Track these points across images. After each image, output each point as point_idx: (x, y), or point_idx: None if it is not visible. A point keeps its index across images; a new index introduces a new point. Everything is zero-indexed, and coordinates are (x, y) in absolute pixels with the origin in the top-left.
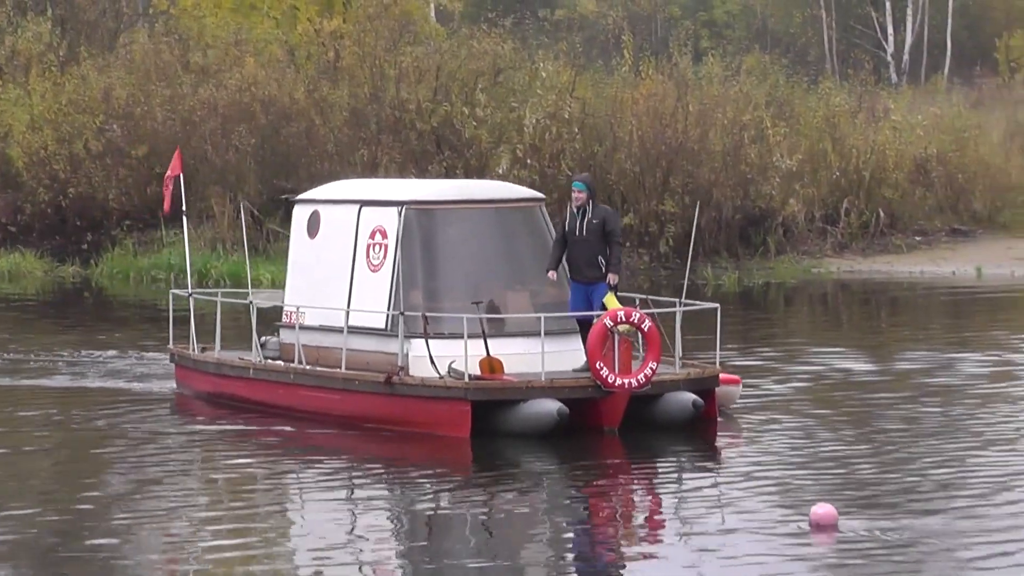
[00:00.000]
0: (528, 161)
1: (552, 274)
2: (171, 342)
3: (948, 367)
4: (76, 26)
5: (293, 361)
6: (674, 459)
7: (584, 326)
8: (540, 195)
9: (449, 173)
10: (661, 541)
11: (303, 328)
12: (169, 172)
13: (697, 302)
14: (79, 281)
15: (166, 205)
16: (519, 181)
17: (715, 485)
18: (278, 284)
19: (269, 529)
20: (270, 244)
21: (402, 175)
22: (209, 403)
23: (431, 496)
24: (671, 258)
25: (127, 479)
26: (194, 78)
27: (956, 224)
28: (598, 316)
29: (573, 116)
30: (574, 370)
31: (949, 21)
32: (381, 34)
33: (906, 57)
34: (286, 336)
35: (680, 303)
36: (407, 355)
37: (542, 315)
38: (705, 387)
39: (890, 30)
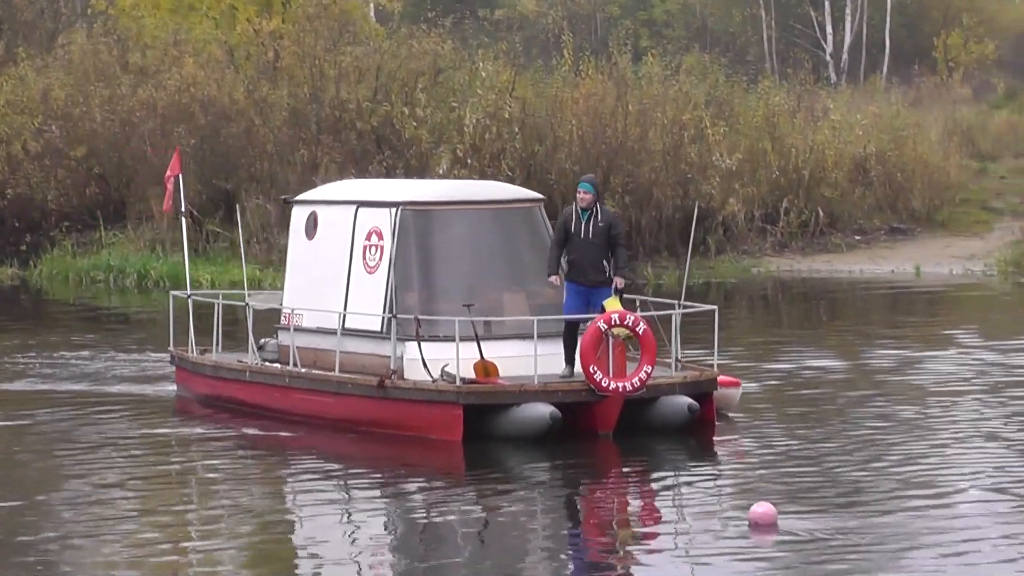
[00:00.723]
0: (468, 161)
1: (555, 279)
2: (171, 344)
3: (900, 366)
4: (13, 26)
5: (302, 363)
6: (668, 464)
7: (570, 329)
8: (539, 196)
9: (389, 173)
10: (651, 546)
11: (301, 330)
12: (168, 172)
13: (696, 304)
14: (17, 283)
15: (166, 204)
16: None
17: (709, 490)
18: (218, 286)
19: (255, 533)
20: (210, 245)
21: (341, 175)
22: (207, 406)
23: (420, 501)
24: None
25: (107, 481)
26: (133, 78)
27: (895, 223)
28: (589, 320)
29: (513, 116)
30: (561, 376)
31: (887, 20)
32: (321, 34)
33: (845, 56)
34: (284, 338)
35: (679, 305)
36: (401, 358)
37: (535, 318)
38: (702, 391)
39: (829, 29)
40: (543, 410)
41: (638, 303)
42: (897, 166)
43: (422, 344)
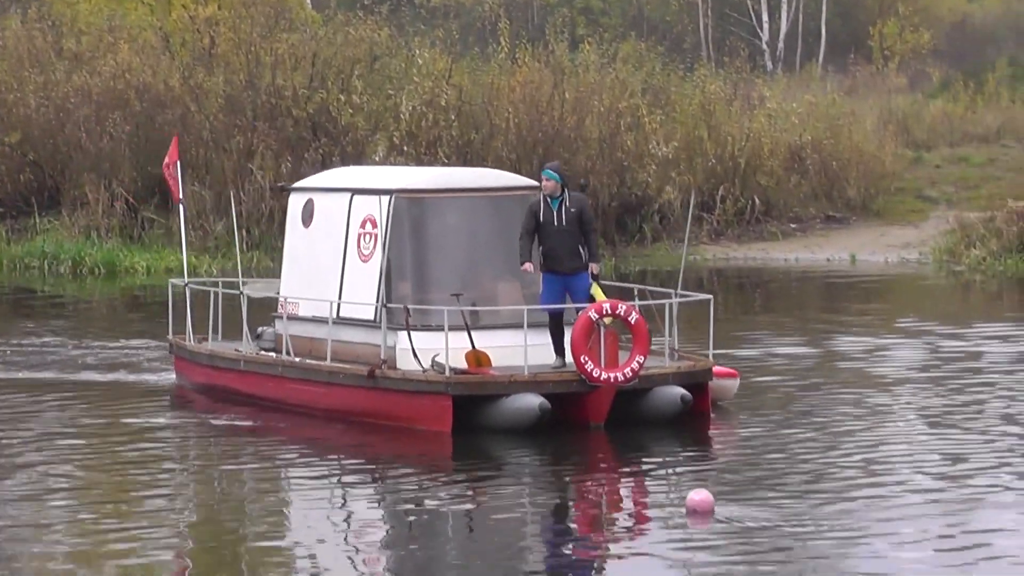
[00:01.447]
0: (404, 148)
1: (529, 265)
2: (170, 332)
3: (852, 353)
4: None
5: (296, 352)
6: (659, 455)
7: (555, 320)
8: (535, 183)
9: (325, 160)
10: (639, 536)
11: (298, 319)
12: (167, 160)
13: (692, 293)
14: None
15: (176, 194)
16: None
17: (701, 481)
18: (153, 273)
19: (237, 525)
20: (145, 232)
21: (278, 163)
22: (203, 395)
23: (406, 494)
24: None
25: (97, 471)
26: (68, 64)
27: (830, 211)
28: (581, 309)
29: (450, 103)
30: (553, 367)
31: (823, 9)
32: (257, 21)
33: (781, 45)
34: (281, 327)
35: (676, 294)
36: (393, 348)
37: (525, 307)
38: (697, 381)
39: (765, 18)
40: (532, 401)
41: (636, 292)
42: (833, 155)
43: (412, 334)
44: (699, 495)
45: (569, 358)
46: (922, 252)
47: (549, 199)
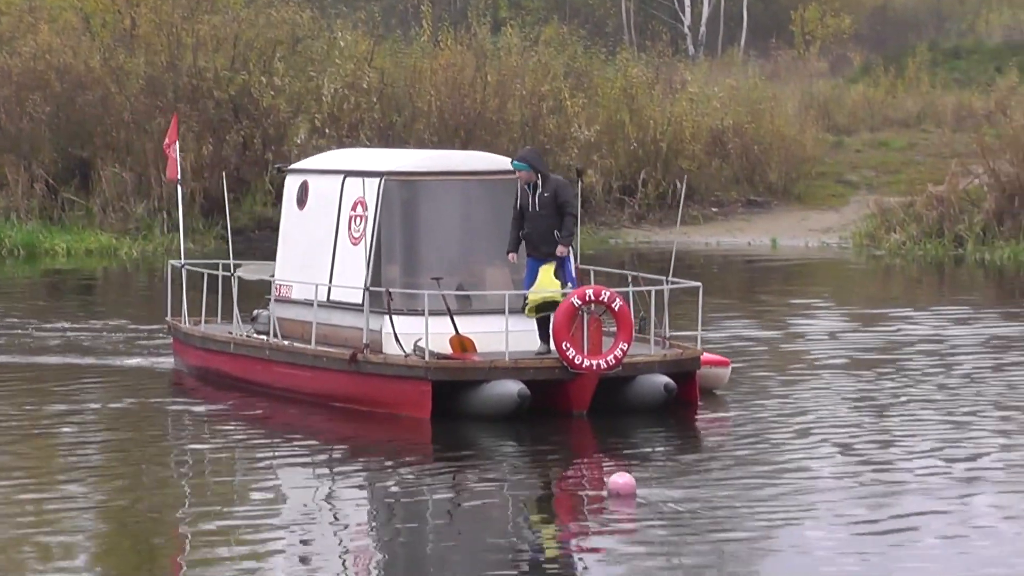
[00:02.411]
0: (327, 131)
1: (512, 256)
2: (168, 314)
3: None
4: None
5: (284, 336)
6: (642, 443)
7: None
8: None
9: (247, 143)
10: (612, 528)
11: (290, 302)
12: (168, 140)
13: (682, 280)
14: None
15: (172, 172)
16: (317, 151)
17: (683, 470)
18: (73, 254)
19: (212, 512)
20: (65, 213)
21: (199, 144)
22: (197, 378)
23: (380, 482)
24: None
25: (83, 456)
26: None
27: (752, 195)
28: (564, 294)
29: (372, 86)
30: (537, 353)
31: None
32: (178, 2)
33: (703, 29)
34: (275, 310)
35: (668, 281)
36: (379, 332)
37: (507, 292)
38: (684, 370)
39: (687, 2)
40: (511, 388)
41: (630, 279)
42: (754, 139)
43: (400, 318)
44: (622, 478)
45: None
46: (843, 237)
47: (527, 186)
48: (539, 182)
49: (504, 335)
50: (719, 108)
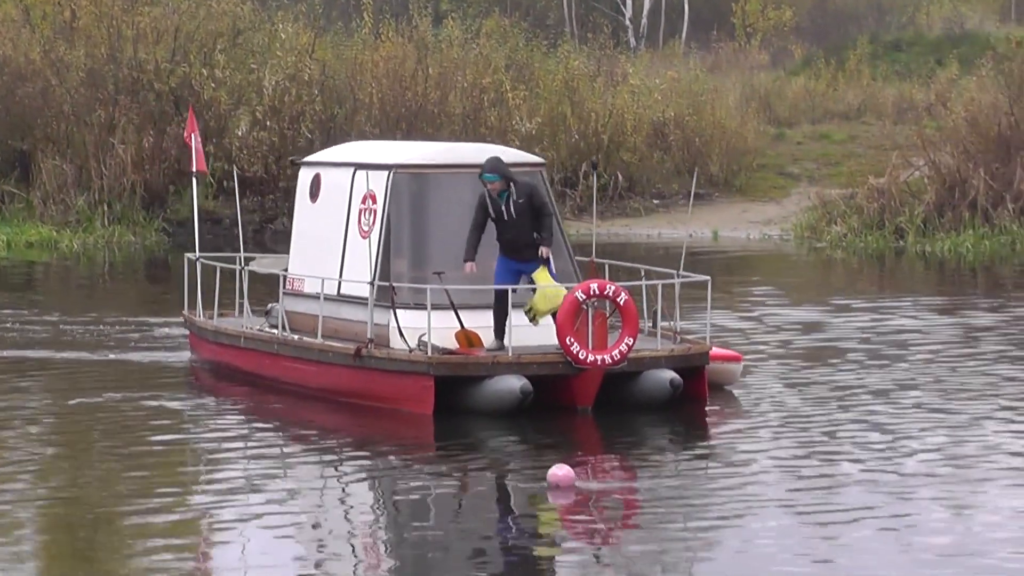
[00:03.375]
0: (268, 123)
1: (470, 266)
2: (185, 307)
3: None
4: None
5: (296, 330)
6: (639, 440)
7: (501, 301)
8: (540, 160)
9: None
10: (615, 527)
11: (302, 296)
12: (188, 131)
13: (691, 274)
14: None
15: (200, 163)
16: (258, 143)
17: (695, 468)
18: (13, 248)
19: (207, 507)
20: (5, 206)
21: (139, 137)
22: (209, 371)
23: (380, 479)
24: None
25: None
26: None
27: (695, 188)
28: (568, 288)
29: (313, 78)
30: (488, 349)
31: None
32: None
33: (644, 21)
34: (288, 303)
35: (678, 274)
36: (387, 326)
37: (509, 287)
38: (692, 365)
39: None
40: (514, 383)
41: (643, 273)
42: (696, 131)
43: (408, 312)
44: (561, 470)
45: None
46: (784, 229)
47: (496, 195)
48: (511, 189)
49: (510, 330)
50: (660, 100)
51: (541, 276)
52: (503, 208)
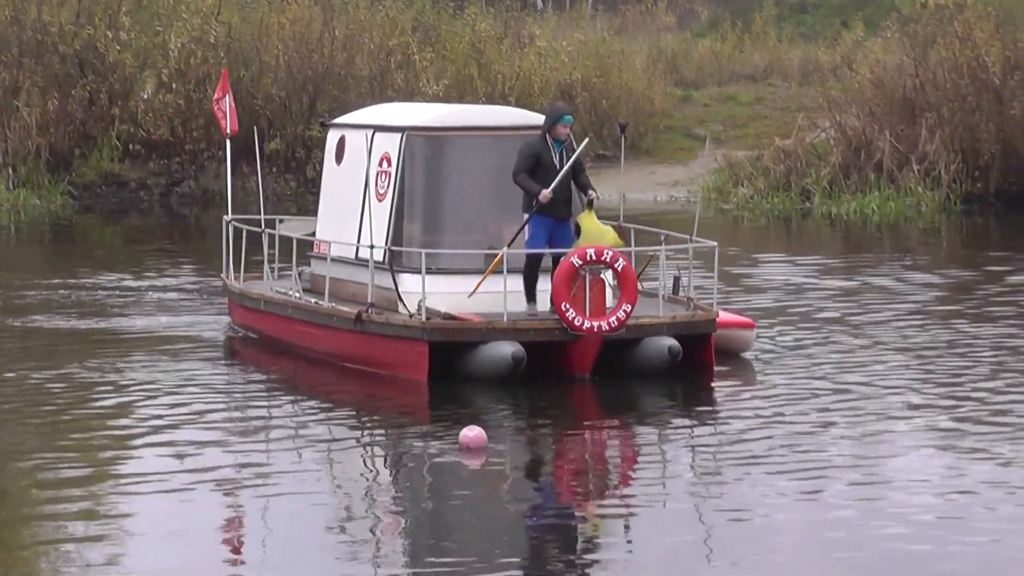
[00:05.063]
0: (173, 85)
1: (546, 193)
2: (224, 272)
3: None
4: None
5: (322, 293)
6: (632, 407)
7: (533, 263)
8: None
9: (93, 98)
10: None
11: (327, 259)
12: (219, 94)
13: (702, 240)
14: None
15: (234, 125)
16: (164, 106)
17: (684, 437)
18: None
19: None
20: None
21: (44, 99)
22: (240, 336)
23: (369, 447)
24: (318, 183)
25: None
26: None
27: (600, 150)
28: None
29: (219, 40)
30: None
31: None
32: None
33: None
34: (315, 267)
35: (691, 239)
36: (396, 291)
37: (504, 251)
38: (696, 332)
39: None
40: (506, 350)
41: (664, 238)
42: (603, 93)
43: (401, 277)
44: (472, 431)
45: (541, 306)
46: (691, 191)
47: (554, 143)
48: (570, 141)
49: (518, 295)
50: (567, 63)
51: (587, 219)
52: (558, 157)
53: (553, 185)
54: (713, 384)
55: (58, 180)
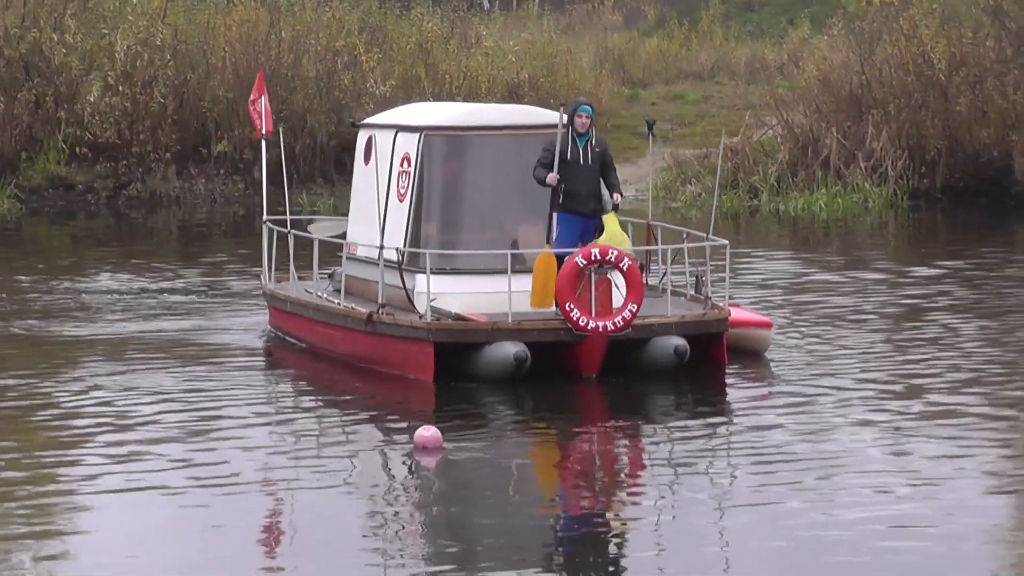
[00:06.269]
0: (120, 88)
1: (554, 176)
2: (265, 273)
3: None
4: None
5: (351, 294)
6: (636, 409)
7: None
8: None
9: (39, 101)
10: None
11: (355, 259)
12: (255, 95)
13: (714, 237)
14: None
15: (268, 126)
16: (111, 109)
17: (694, 439)
18: None
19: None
20: None
21: None
22: (272, 336)
23: (373, 447)
24: (263, 185)
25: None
26: None
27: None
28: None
29: (165, 43)
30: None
31: None
32: None
33: None
34: (346, 267)
35: (708, 237)
36: (411, 291)
37: (508, 251)
38: (705, 332)
39: None
40: (508, 350)
41: (684, 236)
42: (550, 92)
43: (426, 277)
44: (428, 431)
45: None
46: (639, 189)
47: (577, 137)
48: (591, 134)
49: (523, 296)
50: (514, 62)
51: (610, 222)
52: (581, 151)
53: (553, 173)
54: (726, 384)
55: (4, 184)
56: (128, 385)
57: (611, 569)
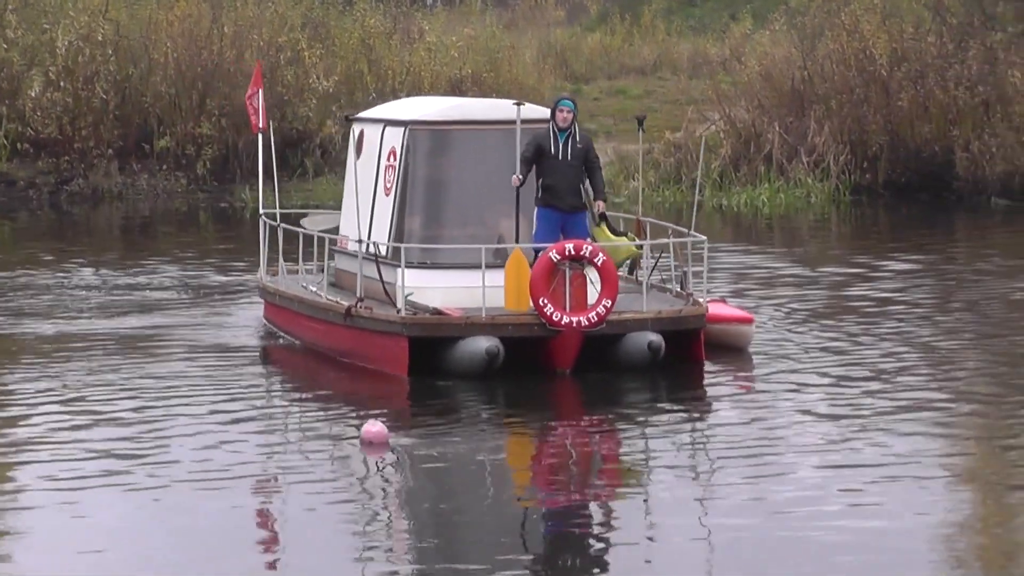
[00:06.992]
0: (62, 83)
1: (516, 178)
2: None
3: None
4: None
5: (342, 287)
6: (608, 404)
7: None
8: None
9: None
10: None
11: (345, 253)
12: (251, 90)
13: (695, 233)
14: None
15: (264, 121)
16: (52, 104)
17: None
18: None
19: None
20: None
21: None
22: (263, 330)
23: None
24: (208, 180)
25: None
26: None
27: None
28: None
29: (107, 38)
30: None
31: None
32: None
33: None
34: (338, 261)
35: (689, 233)
36: (393, 285)
37: (483, 246)
38: (681, 327)
39: None
40: (480, 345)
41: (670, 232)
42: (493, 88)
43: (409, 272)
44: (374, 427)
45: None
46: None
47: (558, 132)
48: (573, 130)
49: (499, 291)
50: (457, 58)
51: (600, 234)
52: (561, 146)
53: (519, 174)
54: (702, 379)
55: None
56: (91, 382)
57: (587, 563)
